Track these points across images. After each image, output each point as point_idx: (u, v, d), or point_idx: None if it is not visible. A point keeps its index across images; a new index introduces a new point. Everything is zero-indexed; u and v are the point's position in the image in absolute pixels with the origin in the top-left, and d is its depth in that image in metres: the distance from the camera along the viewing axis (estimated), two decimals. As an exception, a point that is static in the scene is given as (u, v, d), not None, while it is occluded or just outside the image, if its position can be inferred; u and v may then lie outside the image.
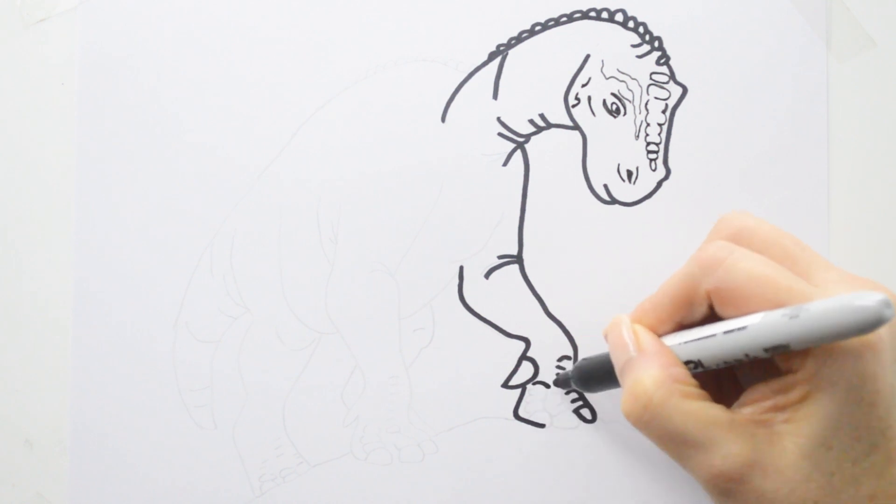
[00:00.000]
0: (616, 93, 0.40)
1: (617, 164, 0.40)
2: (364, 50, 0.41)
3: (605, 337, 0.36)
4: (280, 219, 0.41)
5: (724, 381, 0.36)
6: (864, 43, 0.40)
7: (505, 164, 0.40)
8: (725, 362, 0.31)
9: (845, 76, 0.40)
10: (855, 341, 0.29)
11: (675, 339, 0.34)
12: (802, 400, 0.30)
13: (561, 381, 0.40)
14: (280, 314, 0.41)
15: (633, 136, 0.40)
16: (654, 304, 0.35)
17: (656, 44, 0.40)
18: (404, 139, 0.40)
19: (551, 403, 0.40)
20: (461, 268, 0.40)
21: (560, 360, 0.40)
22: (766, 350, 0.30)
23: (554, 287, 0.40)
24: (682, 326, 0.34)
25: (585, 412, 0.40)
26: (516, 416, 0.40)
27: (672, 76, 0.40)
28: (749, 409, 0.32)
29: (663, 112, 0.40)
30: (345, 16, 0.41)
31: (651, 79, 0.40)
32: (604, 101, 0.40)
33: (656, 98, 0.40)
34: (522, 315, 0.40)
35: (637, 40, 0.40)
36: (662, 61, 0.40)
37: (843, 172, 0.40)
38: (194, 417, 0.41)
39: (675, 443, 0.32)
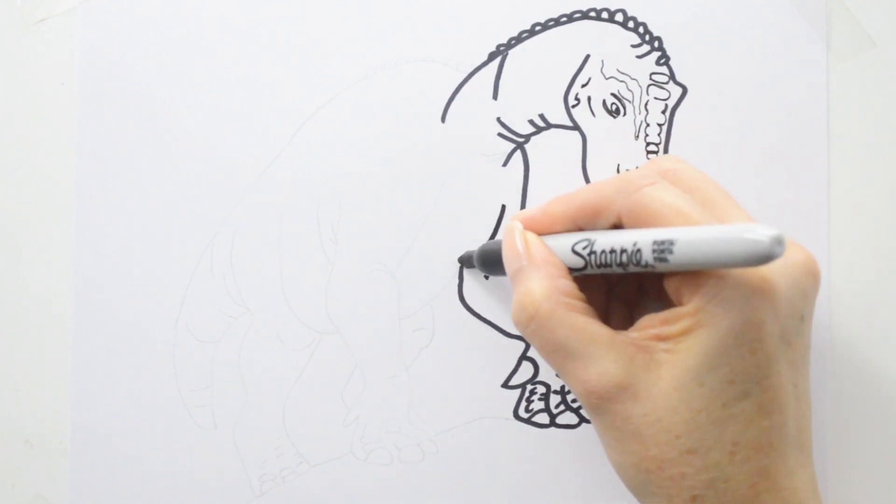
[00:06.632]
0: (616, 93, 0.40)
1: (617, 165, 0.40)
2: (364, 50, 0.41)
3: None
4: (280, 218, 0.41)
5: (615, 309, 0.36)
6: (864, 43, 0.40)
7: (505, 164, 0.40)
8: (613, 251, 0.31)
9: (845, 76, 0.40)
10: (745, 283, 0.29)
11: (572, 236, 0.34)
12: (684, 333, 0.30)
13: (465, 259, 0.40)
14: (280, 314, 0.41)
15: (632, 137, 0.40)
16: (564, 203, 0.35)
17: (656, 44, 0.40)
18: (404, 139, 0.40)
19: (551, 403, 0.40)
20: (461, 268, 0.40)
21: (560, 360, 0.40)
22: (653, 244, 0.29)
23: (554, 287, 0.40)
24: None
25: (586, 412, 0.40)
26: (516, 416, 0.40)
27: (672, 76, 0.40)
28: (634, 333, 0.32)
29: (663, 112, 0.40)
30: (345, 16, 0.41)
31: (651, 79, 0.40)
32: (604, 102, 0.40)
33: (656, 98, 0.40)
34: (522, 315, 0.40)
35: (637, 40, 0.40)
36: (662, 61, 0.40)
37: (843, 172, 0.40)
38: (194, 417, 0.41)
39: (557, 354, 0.32)
